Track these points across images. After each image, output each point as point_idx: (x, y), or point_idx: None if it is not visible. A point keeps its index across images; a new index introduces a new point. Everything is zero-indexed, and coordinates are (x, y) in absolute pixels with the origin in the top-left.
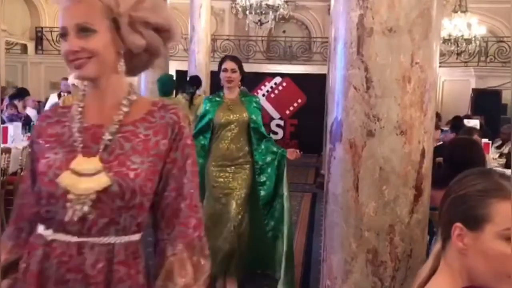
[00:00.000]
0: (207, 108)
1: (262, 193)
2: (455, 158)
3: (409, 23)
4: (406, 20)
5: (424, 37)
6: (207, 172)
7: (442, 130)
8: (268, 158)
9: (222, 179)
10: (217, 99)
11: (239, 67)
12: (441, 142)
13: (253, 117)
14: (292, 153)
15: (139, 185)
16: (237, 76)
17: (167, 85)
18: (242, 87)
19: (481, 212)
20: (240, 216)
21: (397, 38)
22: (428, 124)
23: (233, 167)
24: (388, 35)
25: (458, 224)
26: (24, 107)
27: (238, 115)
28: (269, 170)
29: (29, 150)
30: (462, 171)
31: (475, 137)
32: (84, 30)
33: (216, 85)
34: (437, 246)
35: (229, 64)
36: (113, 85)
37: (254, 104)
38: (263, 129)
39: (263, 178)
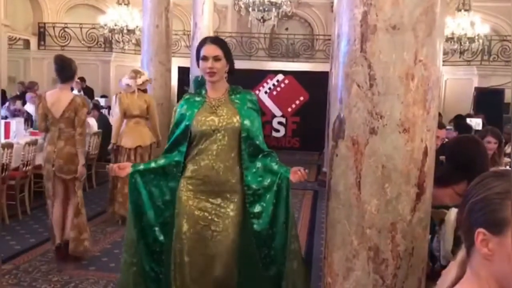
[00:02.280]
0: (183, 111)
1: (256, 228)
2: (457, 156)
3: (413, 20)
4: (410, 17)
5: (427, 34)
6: (178, 199)
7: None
8: (266, 181)
9: (200, 214)
10: (197, 98)
11: (225, 53)
12: (446, 140)
13: (246, 122)
14: (295, 174)
15: None
16: (221, 65)
17: (200, 86)
18: (238, 86)
19: (502, 215)
20: (227, 273)
21: (400, 36)
22: (431, 122)
23: (219, 198)
24: (392, 32)
25: (481, 230)
26: (24, 103)
27: (226, 120)
28: (267, 197)
29: None
30: (464, 169)
31: (489, 137)
32: None
33: None
34: (460, 255)
35: (209, 49)
36: None
37: (249, 104)
38: (260, 140)
39: (257, 208)
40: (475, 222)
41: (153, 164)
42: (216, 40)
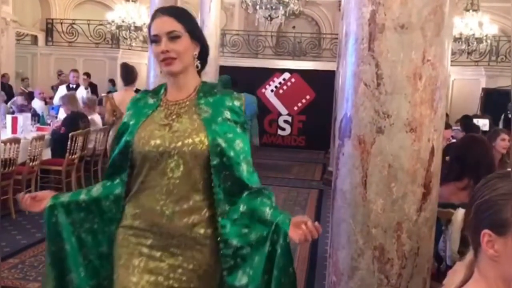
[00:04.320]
0: (126, 119)
1: None
2: (462, 156)
3: (421, 20)
4: (418, 16)
5: (436, 34)
6: (117, 258)
7: (452, 129)
8: (255, 235)
9: (151, 279)
10: (150, 100)
11: (187, 28)
12: (453, 140)
13: (219, 142)
14: (298, 229)
15: None
16: (183, 47)
17: (227, 84)
18: (215, 83)
19: (507, 216)
20: None
21: (408, 35)
22: (438, 122)
23: (179, 254)
24: (400, 31)
25: (486, 231)
26: (32, 98)
27: (181, 139)
28: (255, 260)
29: None
30: (469, 169)
31: (503, 135)
32: None
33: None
34: (468, 257)
35: (161, 24)
36: None
37: (227, 114)
38: (244, 169)
39: (241, 279)
40: (481, 223)
41: (83, 196)
42: (171, 10)
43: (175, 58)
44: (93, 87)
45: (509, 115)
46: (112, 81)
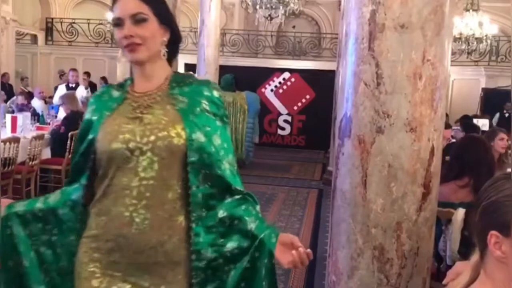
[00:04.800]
0: (89, 115)
1: None
2: (462, 155)
3: (422, 19)
4: (418, 16)
5: (436, 34)
6: (76, 276)
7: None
8: (231, 245)
9: None
10: (115, 93)
11: (155, 10)
12: (453, 140)
13: (197, 136)
14: (286, 252)
15: None
16: (149, 31)
17: (229, 83)
18: (189, 73)
19: None
20: None
21: (409, 35)
22: (438, 122)
23: (146, 277)
24: (400, 31)
25: (494, 232)
26: (31, 97)
27: (156, 132)
28: (230, 275)
29: None
30: (469, 169)
31: (501, 134)
32: None
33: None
34: (474, 258)
35: (125, 5)
36: None
37: (205, 105)
38: (227, 168)
39: None
40: (487, 224)
41: (39, 204)
42: None
43: (140, 44)
44: (92, 87)
45: (506, 115)
46: (104, 79)
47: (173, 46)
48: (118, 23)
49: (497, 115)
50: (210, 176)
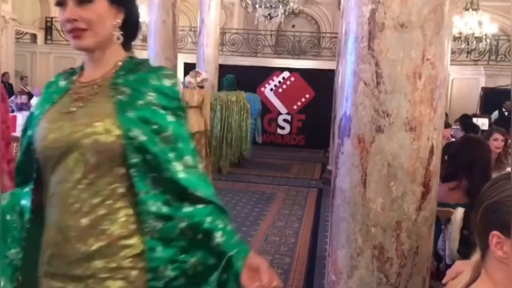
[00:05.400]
0: (33, 109)
1: None
2: (458, 156)
3: (421, 18)
4: (418, 15)
5: (436, 33)
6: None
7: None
8: (192, 260)
9: None
10: (62, 82)
11: None
12: (453, 139)
13: (135, 134)
14: (252, 279)
15: None
16: (95, 14)
17: (232, 83)
18: (144, 58)
19: None
20: None
21: (408, 34)
22: (438, 121)
23: None
24: (400, 30)
25: (496, 232)
26: (30, 97)
27: (82, 129)
28: None
29: None
30: (463, 169)
31: (495, 135)
32: None
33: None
34: (475, 257)
35: None
36: None
37: (152, 97)
38: (179, 169)
39: None
40: (489, 225)
41: None
42: None
43: (86, 30)
44: None
45: (505, 113)
46: None
47: (130, 28)
48: (59, 2)
49: (496, 112)
50: (159, 179)
